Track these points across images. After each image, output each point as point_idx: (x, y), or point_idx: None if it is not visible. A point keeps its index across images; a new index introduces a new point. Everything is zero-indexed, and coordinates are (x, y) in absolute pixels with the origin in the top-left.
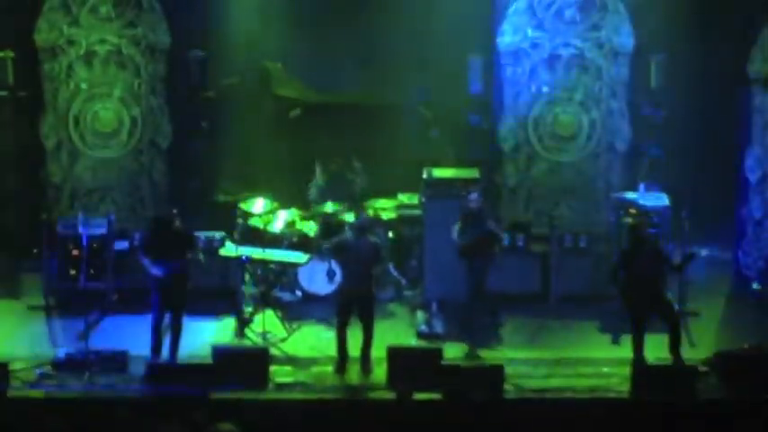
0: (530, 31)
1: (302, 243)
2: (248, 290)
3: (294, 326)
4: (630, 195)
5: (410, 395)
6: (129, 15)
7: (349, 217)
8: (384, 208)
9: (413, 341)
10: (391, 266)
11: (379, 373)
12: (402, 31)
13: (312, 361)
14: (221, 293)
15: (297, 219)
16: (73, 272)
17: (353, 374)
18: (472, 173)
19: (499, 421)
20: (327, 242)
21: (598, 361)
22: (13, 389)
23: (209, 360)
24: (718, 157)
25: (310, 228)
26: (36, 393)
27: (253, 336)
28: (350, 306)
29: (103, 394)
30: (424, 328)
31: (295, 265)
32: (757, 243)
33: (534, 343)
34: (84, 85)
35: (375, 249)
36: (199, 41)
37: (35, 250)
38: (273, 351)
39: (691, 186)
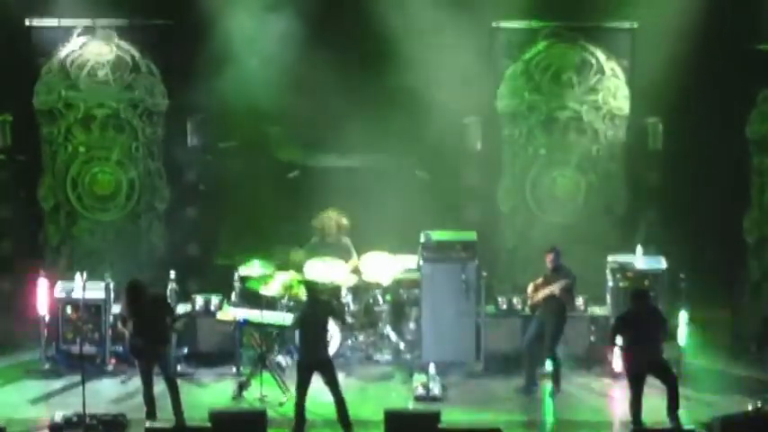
0: (527, 95)
1: (299, 306)
2: (246, 353)
3: (291, 389)
4: (628, 258)
5: None
6: (127, 79)
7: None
8: (383, 273)
9: (410, 404)
10: (389, 329)
11: None
12: (401, 95)
13: (309, 423)
14: (219, 356)
15: (294, 282)
16: (70, 335)
17: None
18: (470, 236)
19: None
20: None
21: (597, 424)
22: None
23: (208, 423)
24: (716, 219)
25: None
26: None
27: (250, 399)
28: (309, 373)
29: None
30: (421, 390)
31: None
32: (755, 305)
33: (532, 404)
34: (82, 148)
35: (329, 309)
36: (197, 104)
37: (33, 314)
38: (271, 414)
39: (688, 249)
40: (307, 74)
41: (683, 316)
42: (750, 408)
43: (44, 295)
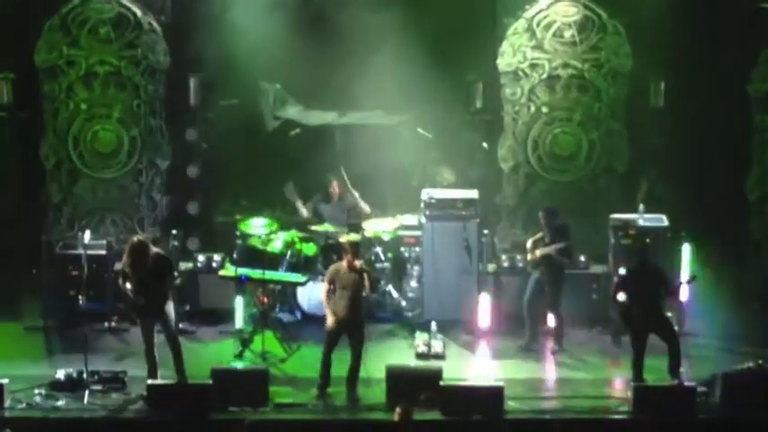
0: (529, 53)
1: (301, 263)
2: (248, 310)
3: (293, 346)
4: (630, 216)
5: (410, 415)
6: (129, 36)
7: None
8: (384, 229)
9: (412, 361)
10: (391, 287)
11: (379, 393)
12: (402, 51)
13: (312, 381)
14: (221, 314)
15: (296, 239)
16: (72, 292)
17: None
18: (472, 193)
19: None
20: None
21: (598, 381)
22: (11, 410)
23: (209, 381)
24: (717, 177)
25: (309, 248)
26: (35, 414)
27: (252, 356)
28: (339, 334)
29: (102, 415)
30: (423, 348)
31: (294, 286)
32: (757, 264)
33: (534, 363)
34: (83, 106)
35: (368, 275)
36: (198, 62)
37: (34, 270)
38: (273, 372)
39: (690, 207)
40: (308, 32)
41: (683, 274)
42: (751, 365)
43: (46, 252)
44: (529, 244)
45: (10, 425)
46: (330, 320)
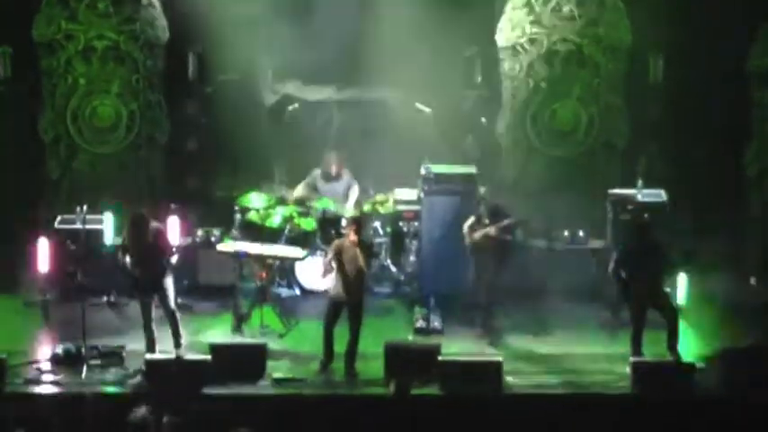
0: (527, 27)
1: (300, 238)
2: (246, 285)
3: (292, 321)
4: (629, 191)
5: (407, 391)
6: (128, 11)
7: (345, 213)
8: (382, 203)
9: (410, 337)
10: (389, 262)
11: (377, 368)
12: (400, 26)
13: (310, 357)
14: (219, 289)
15: (295, 214)
16: (70, 267)
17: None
18: (470, 168)
19: (497, 417)
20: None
21: (596, 357)
22: (10, 384)
23: (207, 356)
24: (716, 152)
25: (308, 223)
26: (33, 389)
27: (250, 331)
28: (340, 308)
29: (101, 389)
30: (421, 323)
31: (293, 261)
32: (756, 238)
33: (533, 338)
34: (82, 81)
35: (369, 251)
36: (197, 37)
37: (33, 245)
38: (271, 346)
39: (689, 182)
40: (307, 7)
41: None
42: (751, 340)
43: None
44: (465, 229)
45: (9, 399)
46: (331, 291)
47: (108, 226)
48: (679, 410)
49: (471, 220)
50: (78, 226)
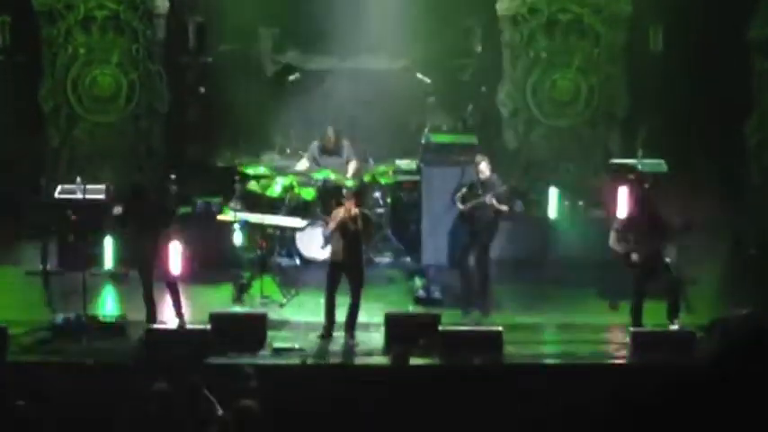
0: None
1: (300, 208)
2: (246, 255)
3: (292, 291)
4: (629, 161)
5: (407, 361)
6: None
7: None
8: (382, 173)
9: (410, 307)
10: (389, 232)
11: (377, 338)
12: None
13: (310, 326)
14: (219, 259)
15: (295, 184)
16: (71, 237)
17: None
18: (470, 138)
19: (497, 387)
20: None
21: (596, 326)
22: (11, 353)
23: (207, 326)
24: (717, 122)
25: (308, 193)
26: (34, 358)
27: (250, 301)
28: (339, 275)
29: (101, 359)
30: (421, 293)
31: (293, 230)
32: (755, 209)
33: (532, 308)
34: (82, 50)
35: (367, 222)
36: (197, 7)
37: (33, 215)
38: (271, 316)
39: (690, 152)
40: None
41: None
42: (749, 310)
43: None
44: (458, 198)
45: (9, 369)
46: (331, 257)
47: (108, 252)
48: (678, 379)
49: (464, 190)
50: (78, 195)
